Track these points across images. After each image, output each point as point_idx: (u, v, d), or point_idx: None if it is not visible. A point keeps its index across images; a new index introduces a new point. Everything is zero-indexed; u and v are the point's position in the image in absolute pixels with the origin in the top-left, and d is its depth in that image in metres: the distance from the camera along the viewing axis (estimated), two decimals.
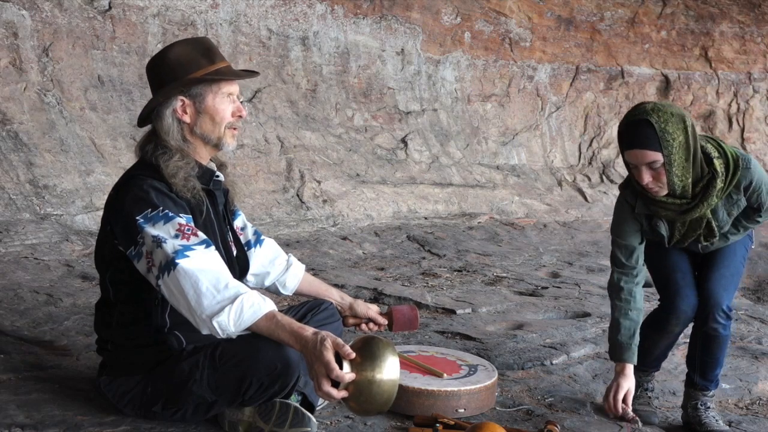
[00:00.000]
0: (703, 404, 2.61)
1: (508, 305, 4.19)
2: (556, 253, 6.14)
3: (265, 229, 5.63)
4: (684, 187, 2.39)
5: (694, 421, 2.59)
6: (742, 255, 2.65)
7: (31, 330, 3.12)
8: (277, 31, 6.98)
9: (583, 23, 8.94)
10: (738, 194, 2.47)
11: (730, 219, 2.52)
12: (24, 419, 2.13)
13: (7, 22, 5.43)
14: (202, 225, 2.11)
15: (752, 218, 2.56)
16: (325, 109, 7.24)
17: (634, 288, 2.57)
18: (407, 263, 5.31)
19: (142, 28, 6.14)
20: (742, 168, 2.41)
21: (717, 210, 2.48)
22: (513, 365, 3.10)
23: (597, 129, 9.15)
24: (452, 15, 8.14)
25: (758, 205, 2.52)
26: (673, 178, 2.36)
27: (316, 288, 2.61)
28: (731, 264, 2.60)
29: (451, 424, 2.31)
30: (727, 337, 2.59)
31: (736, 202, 2.48)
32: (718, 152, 2.42)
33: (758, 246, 6.59)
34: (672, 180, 2.36)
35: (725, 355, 2.64)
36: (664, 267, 2.64)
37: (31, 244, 4.56)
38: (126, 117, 5.78)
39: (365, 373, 1.85)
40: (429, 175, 7.55)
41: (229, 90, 2.17)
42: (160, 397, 2.10)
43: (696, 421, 2.58)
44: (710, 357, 2.60)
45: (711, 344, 2.58)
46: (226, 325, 1.91)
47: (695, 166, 2.38)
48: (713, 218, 2.48)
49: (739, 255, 2.63)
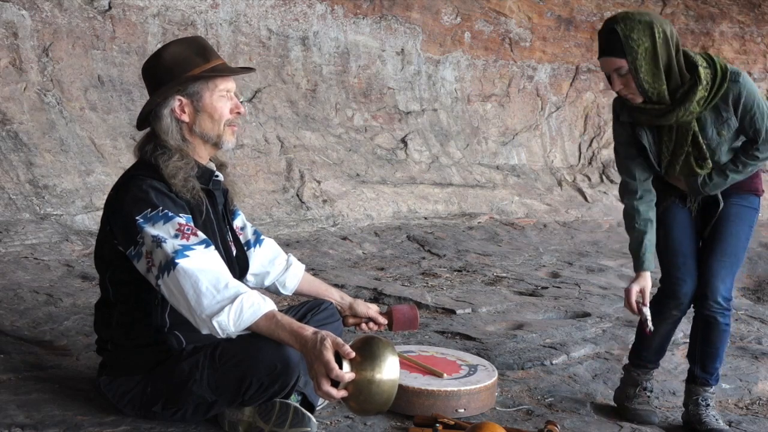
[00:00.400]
0: (704, 400, 2.60)
1: (508, 305, 4.19)
2: (556, 253, 6.14)
3: (265, 229, 5.63)
4: (659, 94, 2.39)
5: (695, 419, 2.59)
6: (746, 236, 2.61)
7: (31, 330, 3.12)
8: (277, 31, 6.98)
9: (583, 23, 8.94)
10: (727, 111, 2.42)
11: (720, 140, 2.47)
12: (24, 419, 2.13)
13: (7, 22, 5.44)
14: (201, 225, 2.11)
15: (750, 152, 2.49)
16: (325, 109, 7.24)
17: (634, 203, 2.57)
18: (407, 263, 5.31)
19: (142, 28, 6.14)
20: (730, 80, 2.39)
21: (705, 126, 2.46)
22: (513, 365, 3.10)
23: (597, 129, 9.15)
24: (452, 15, 8.14)
25: (754, 133, 2.45)
26: (642, 84, 2.37)
27: (315, 288, 2.61)
28: (734, 251, 2.57)
29: (451, 424, 2.31)
30: (727, 327, 2.59)
31: (726, 120, 2.44)
32: (707, 63, 2.42)
33: (758, 246, 6.59)
34: (642, 86, 2.37)
35: (725, 350, 2.64)
36: (667, 249, 2.63)
37: (31, 244, 4.56)
38: (126, 117, 5.78)
39: (365, 372, 1.85)
40: (429, 175, 7.55)
41: (226, 87, 2.17)
42: (160, 397, 2.10)
43: (696, 419, 2.58)
44: (710, 347, 2.59)
45: (710, 333, 2.58)
46: (225, 324, 1.91)
47: (670, 73, 2.38)
48: (701, 134, 2.45)
49: (742, 238, 2.59)
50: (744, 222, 2.60)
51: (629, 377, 2.74)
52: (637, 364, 2.72)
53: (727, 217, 2.58)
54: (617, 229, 7.44)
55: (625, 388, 2.73)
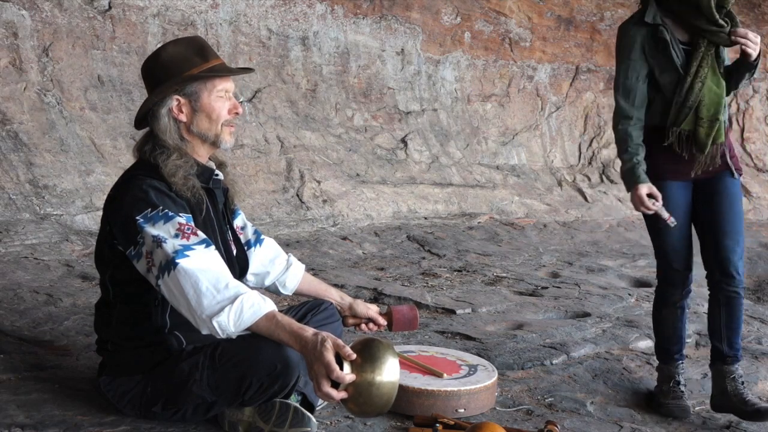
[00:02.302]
0: (740, 377, 2.68)
1: (508, 305, 4.18)
2: (556, 253, 6.14)
3: (265, 229, 5.63)
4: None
5: (737, 399, 2.62)
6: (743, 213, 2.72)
7: (31, 330, 3.12)
8: (277, 31, 6.98)
9: (583, 23, 8.94)
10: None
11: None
12: (24, 419, 2.13)
13: (7, 22, 5.43)
14: (201, 224, 2.11)
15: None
16: (325, 109, 7.23)
17: (629, 128, 2.66)
18: (407, 263, 5.31)
19: (142, 28, 6.13)
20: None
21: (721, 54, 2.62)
22: (513, 365, 3.10)
23: (597, 129, 9.15)
24: (452, 15, 8.14)
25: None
26: None
27: (315, 288, 2.61)
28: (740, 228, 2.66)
29: (451, 424, 2.31)
30: (743, 300, 2.68)
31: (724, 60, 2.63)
32: None
33: (758, 246, 6.60)
34: None
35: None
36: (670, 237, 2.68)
37: (31, 244, 4.56)
38: (126, 117, 5.78)
39: (365, 374, 1.84)
40: (429, 175, 7.55)
41: (224, 87, 2.17)
42: (160, 397, 2.10)
43: (739, 399, 2.62)
44: (734, 322, 2.67)
45: (733, 308, 2.66)
46: (225, 325, 1.91)
47: None
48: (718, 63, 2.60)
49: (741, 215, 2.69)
50: (739, 200, 2.71)
51: (662, 374, 2.83)
52: (663, 359, 2.80)
53: (726, 195, 2.67)
54: (617, 229, 7.45)
55: (661, 385, 2.82)
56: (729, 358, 2.68)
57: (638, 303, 4.41)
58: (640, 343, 3.53)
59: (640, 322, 3.82)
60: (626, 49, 2.66)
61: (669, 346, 2.82)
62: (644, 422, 2.66)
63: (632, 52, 2.64)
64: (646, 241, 7.23)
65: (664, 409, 2.73)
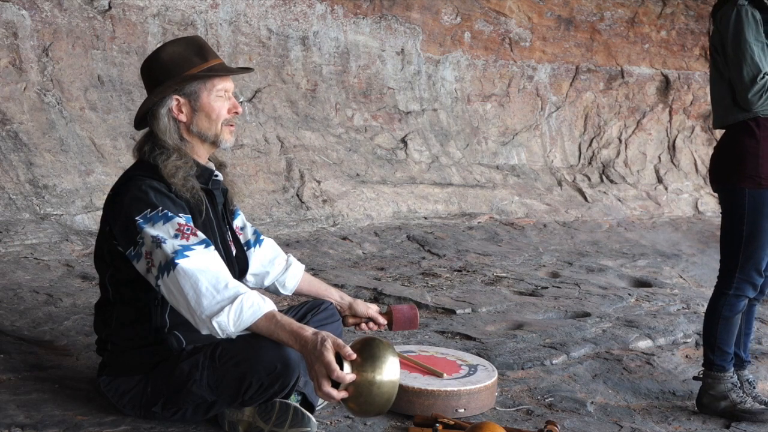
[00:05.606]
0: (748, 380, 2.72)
1: (508, 305, 4.18)
2: (556, 253, 6.14)
3: (265, 229, 5.63)
4: None
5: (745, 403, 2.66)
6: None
7: (31, 330, 3.12)
8: (277, 31, 6.98)
9: (583, 23, 8.94)
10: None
11: None
12: (24, 419, 2.13)
13: (7, 22, 5.43)
14: (201, 224, 2.11)
15: None
16: (325, 109, 7.24)
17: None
18: (407, 263, 5.31)
19: (142, 28, 6.13)
20: None
21: None
22: (513, 365, 3.10)
23: (597, 129, 9.14)
24: (452, 15, 8.14)
25: None
26: None
27: (315, 288, 2.61)
28: None
29: (451, 424, 2.31)
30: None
31: None
32: None
33: None
34: None
35: None
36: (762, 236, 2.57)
37: (31, 244, 4.56)
38: (126, 117, 5.78)
39: (365, 374, 1.84)
40: (429, 175, 7.55)
41: (223, 87, 2.17)
42: (160, 397, 2.10)
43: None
44: (750, 328, 2.73)
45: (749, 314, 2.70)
46: (225, 325, 1.91)
47: None
48: None
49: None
50: None
51: (730, 382, 2.69)
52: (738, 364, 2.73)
53: None
54: (617, 229, 7.45)
55: (731, 392, 2.68)
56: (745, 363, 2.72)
57: (638, 303, 4.41)
58: (640, 343, 3.53)
59: (640, 322, 3.82)
60: (753, 29, 2.53)
61: (738, 351, 2.74)
62: (644, 422, 2.66)
63: (758, 32, 2.53)
64: (646, 241, 7.24)
65: (760, 416, 2.61)
